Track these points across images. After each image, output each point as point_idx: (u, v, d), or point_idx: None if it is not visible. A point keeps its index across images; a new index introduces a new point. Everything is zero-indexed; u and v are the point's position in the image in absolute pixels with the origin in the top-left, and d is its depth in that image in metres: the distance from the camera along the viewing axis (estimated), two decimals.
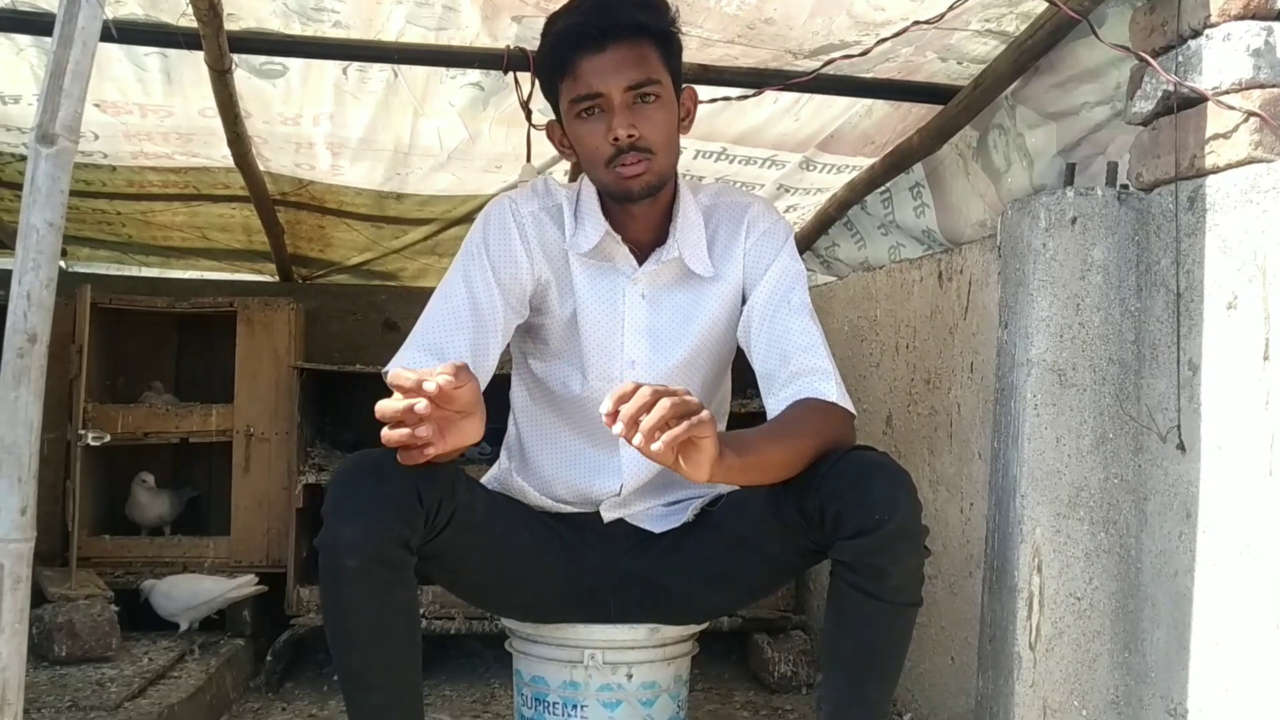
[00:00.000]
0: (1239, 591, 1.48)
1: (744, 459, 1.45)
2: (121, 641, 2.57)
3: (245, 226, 3.23)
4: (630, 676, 1.79)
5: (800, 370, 1.66)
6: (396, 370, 1.38)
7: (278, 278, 3.58)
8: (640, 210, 1.70)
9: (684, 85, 1.74)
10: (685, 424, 1.34)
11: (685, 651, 1.86)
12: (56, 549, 2.91)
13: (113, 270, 3.56)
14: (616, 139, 1.61)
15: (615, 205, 1.71)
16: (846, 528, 1.53)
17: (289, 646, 2.84)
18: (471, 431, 1.46)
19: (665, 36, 1.67)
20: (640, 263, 1.75)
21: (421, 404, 1.35)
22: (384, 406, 1.38)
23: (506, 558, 1.73)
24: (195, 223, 3.21)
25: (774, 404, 1.67)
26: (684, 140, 1.96)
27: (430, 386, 1.35)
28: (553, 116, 1.75)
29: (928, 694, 2.34)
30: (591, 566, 1.77)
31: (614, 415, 1.35)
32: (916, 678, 2.37)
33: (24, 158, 2.61)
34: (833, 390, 1.64)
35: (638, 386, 1.35)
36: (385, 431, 1.39)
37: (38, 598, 2.45)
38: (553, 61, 1.66)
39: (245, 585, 2.82)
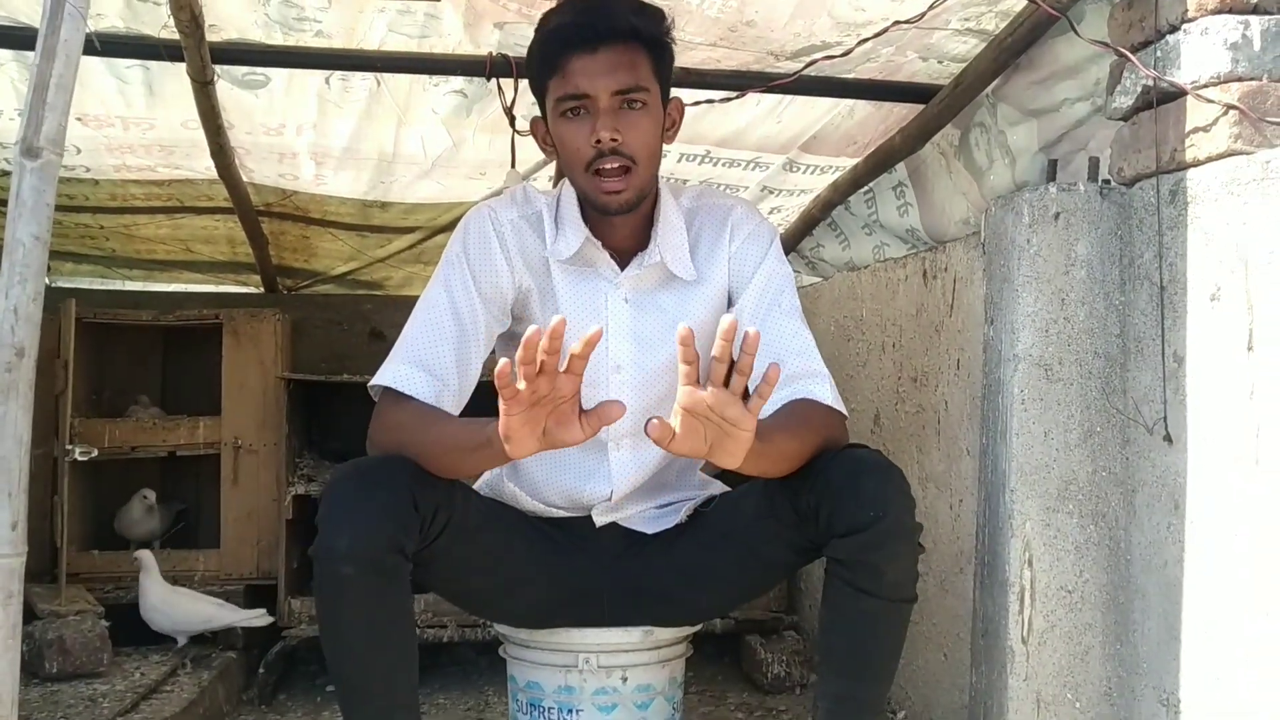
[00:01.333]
0: (1228, 580, 1.49)
1: (763, 445, 1.44)
2: (113, 657, 2.56)
3: (229, 238, 3.23)
4: (625, 680, 1.79)
5: (795, 374, 1.67)
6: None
7: (262, 289, 3.57)
8: (620, 218, 1.70)
9: (671, 95, 1.74)
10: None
11: (679, 654, 1.86)
12: (45, 565, 2.89)
13: (96, 284, 3.55)
14: (599, 141, 1.61)
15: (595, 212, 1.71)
16: (841, 525, 1.54)
17: (281, 658, 2.83)
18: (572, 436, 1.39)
19: (658, 45, 1.66)
20: (622, 267, 1.75)
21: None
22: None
23: (500, 563, 1.73)
24: (179, 235, 3.20)
25: (767, 406, 1.67)
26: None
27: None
28: (538, 114, 1.75)
29: (921, 691, 2.35)
30: (585, 570, 1.77)
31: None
32: (909, 675, 2.38)
33: (6, 173, 2.62)
34: (827, 393, 1.65)
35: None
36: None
37: (27, 614, 2.44)
38: (542, 58, 1.65)
39: (257, 618, 2.78)
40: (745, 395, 1.37)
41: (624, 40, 1.61)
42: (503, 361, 1.31)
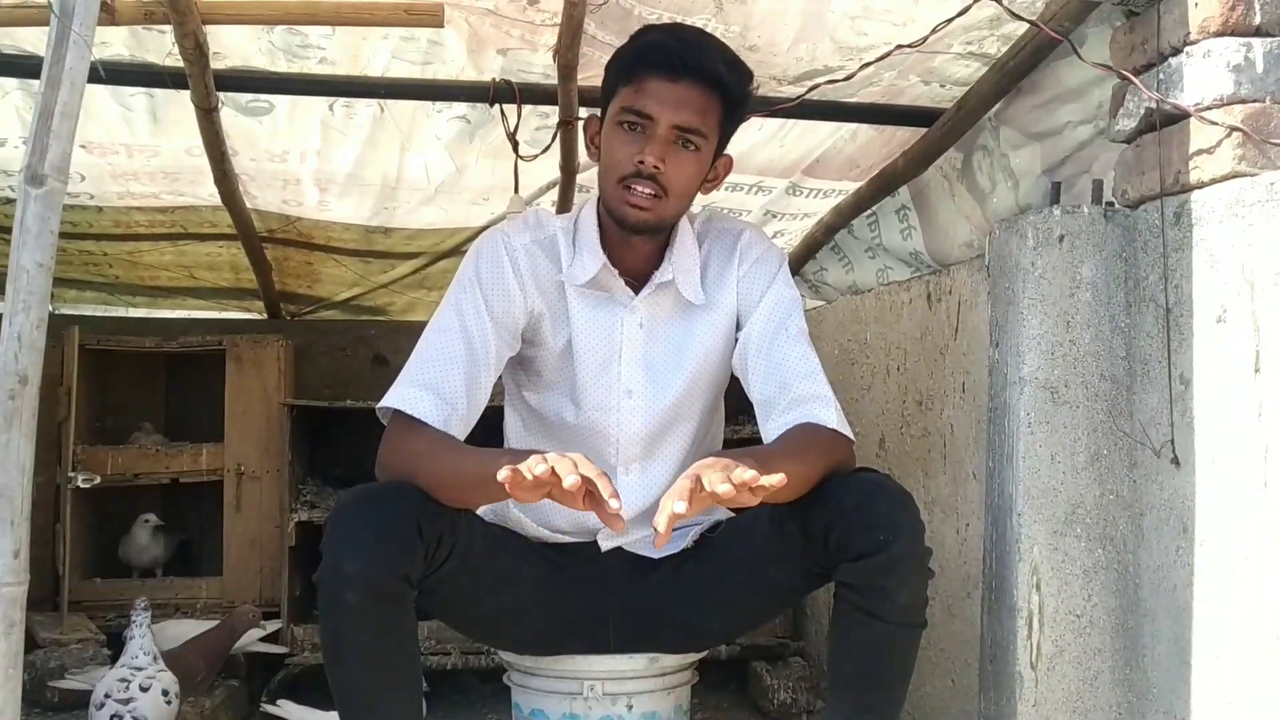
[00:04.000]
0: (1238, 604, 1.47)
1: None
2: None
3: (232, 264, 3.23)
4: (631, 707, 1.77)
5: (801, 397, 1.66)
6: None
7: (266, 315, 3.57)
8: (639, 241, 1.71)
9: (725, 153, 1.75)
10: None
11: (685, 680, 1.85)
12: (47, 593, 2.88)
13: (99, 311, 3.55)
14: (641, 162, 1.61)
15: (614, 233, 1.71)
16: (851, 550, 1.53)
17: (284, 686, 2.81)
18: None
19: (735, 101, 1.67)
20: (635, 291, 1.75)
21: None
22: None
23: (505, 590, 1.72)
24: (182, 262, 3.21)
25: (773, 429, 1.66)
26: None
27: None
28: (595, 113, 1.75)
29: (929, 717, 2.33)
30: (590, 596, 1.76)
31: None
32: (917, 701, 2.35)
33: (10, 200, 2.62)
34: (833, 417, 1.65)
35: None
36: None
37: (29, 643, 2.42)
38: (625, 65, 1.66)
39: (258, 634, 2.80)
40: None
41: (705, 82, 1.62)
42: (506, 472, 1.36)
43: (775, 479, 1.38)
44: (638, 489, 1.77)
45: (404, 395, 1.62)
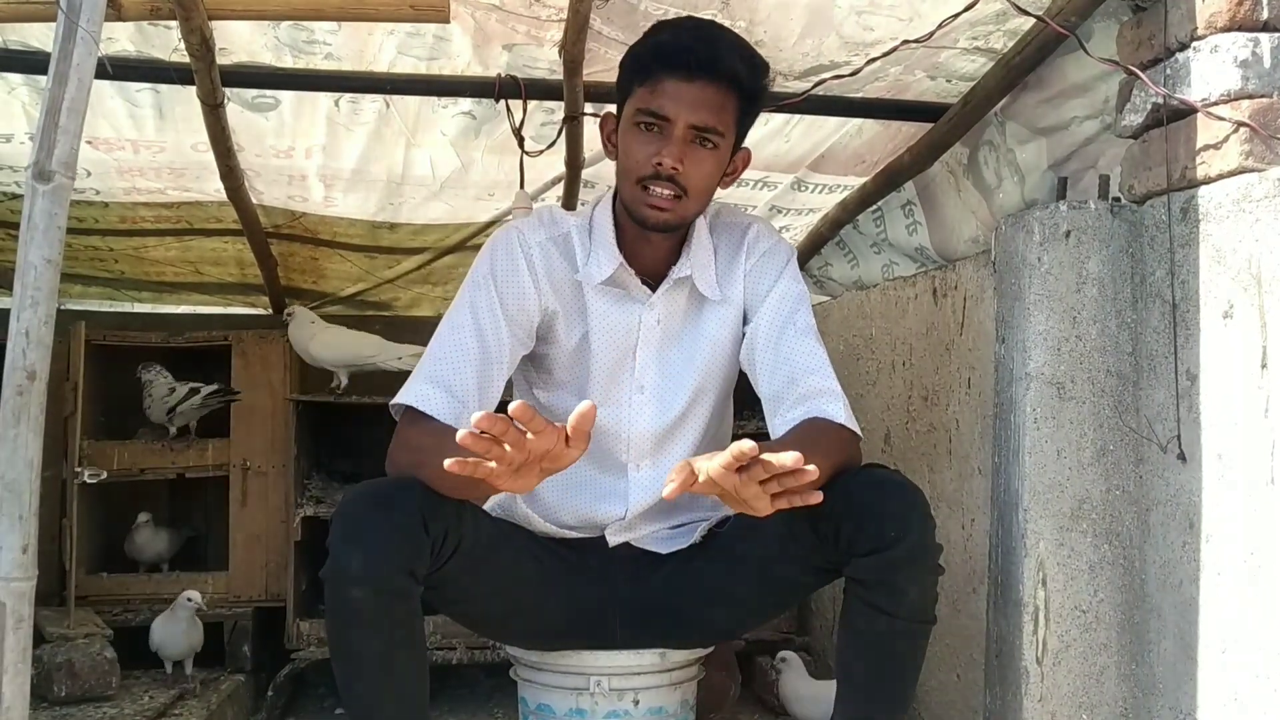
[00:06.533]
0: (1245, 599, 1.47)
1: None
2: (121, 680, 2.55)
3: (238, 260, 3.23)
4: (637, 702, 1.77)
5: (809, 392, 1.66)
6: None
7: (271, 310, 3.57)
8: (658, 238, 1.71)
9: (743, 146, 1.74)
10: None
11: (691, 676, 1.85)
12: (54, 588, 2.88)
13: (105, 307, 3.55)
14: (660, 164, 1.61)
15: (630, 231, 1.71)
16: (861, 546, 1.53)
17: (289, 681, 2.82)
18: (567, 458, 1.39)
19: (751, 96, 1.67)
20: (651, 288, 1.75)
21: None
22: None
23: (512, 585, 1.72)
24: (188, 257, 3.21)
25: (780, 424, 1.66)
26: None
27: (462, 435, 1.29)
28: (611, 110, 1.74)
29: (934, 712, 2.33)
30: (596, 591, 1.76)
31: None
32: (922, 696, 2.36)
33: (17, 196, 2.62)
34: (841, 412, 1.64)
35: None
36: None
37: (36, 638, 2.42)
38: (639, 64, 1.65)
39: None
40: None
41: (721, 80, 1.62)
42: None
43: (786, 457, 1.33)
44: (648, 485, 1.77)
45: (416, 392, 1.62)
